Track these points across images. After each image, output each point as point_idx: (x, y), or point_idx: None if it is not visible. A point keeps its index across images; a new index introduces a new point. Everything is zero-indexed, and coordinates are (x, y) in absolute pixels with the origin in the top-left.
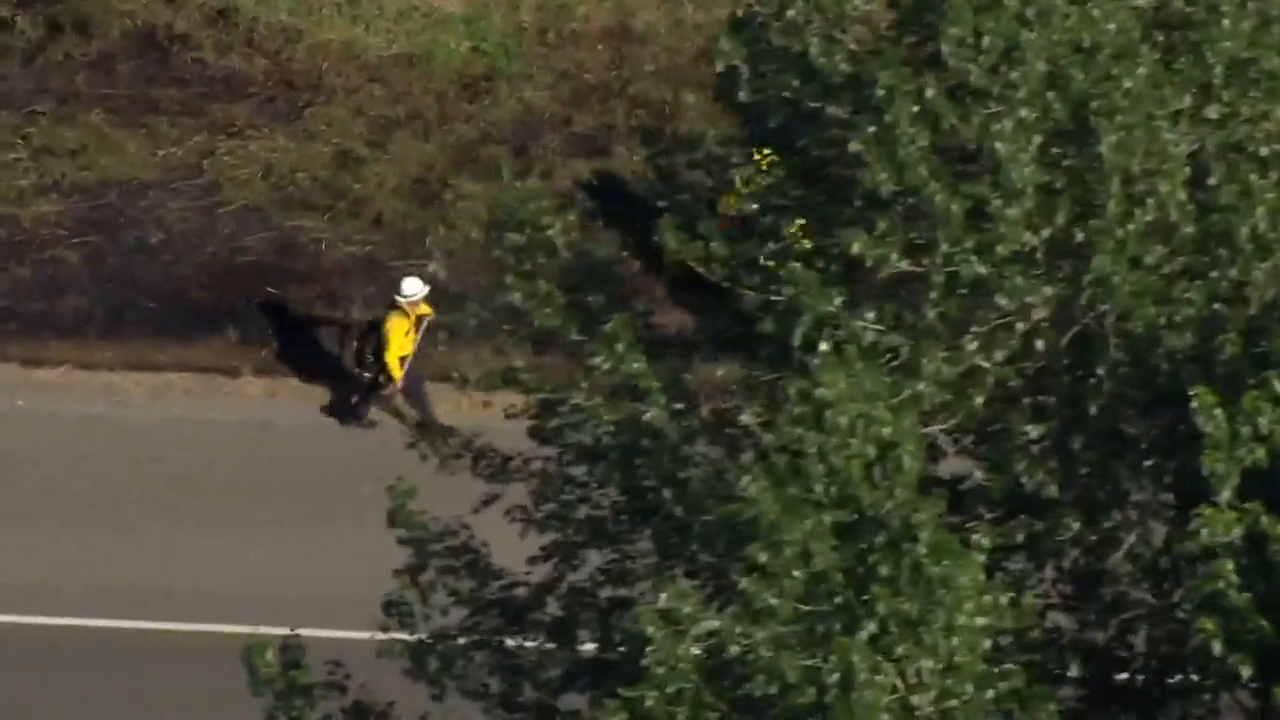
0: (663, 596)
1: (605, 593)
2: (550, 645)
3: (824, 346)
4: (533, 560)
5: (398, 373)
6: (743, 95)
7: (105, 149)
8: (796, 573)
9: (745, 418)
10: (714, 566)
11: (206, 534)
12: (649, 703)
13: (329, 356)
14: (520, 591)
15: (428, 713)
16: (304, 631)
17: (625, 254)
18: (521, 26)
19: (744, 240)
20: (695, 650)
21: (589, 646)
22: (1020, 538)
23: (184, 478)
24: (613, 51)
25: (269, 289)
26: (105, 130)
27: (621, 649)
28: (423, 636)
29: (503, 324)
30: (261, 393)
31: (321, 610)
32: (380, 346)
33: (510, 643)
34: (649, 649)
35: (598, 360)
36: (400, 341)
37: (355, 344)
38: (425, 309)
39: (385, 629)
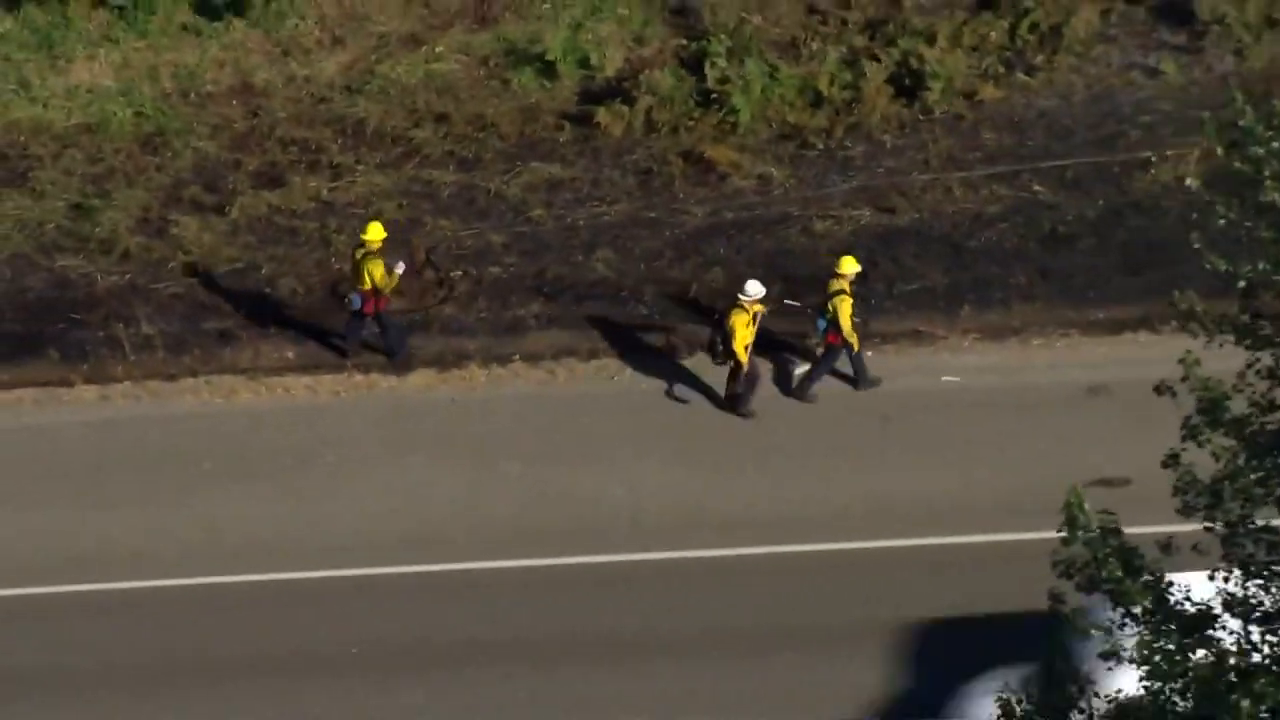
0: None
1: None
2: None
3: None
4: None
5: (744, 358)
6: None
7: None
8: None
9: None
10: None
11: (103, 509)
12: None
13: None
14: None
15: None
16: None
17: None
18: (165, 92)
19: None
20: None
21: None
22: None
23: (57, 471)
24: (245, 105)
25: (71, 315)
26: None
27: None
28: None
29: (1245, 222)
30: (96, 396)
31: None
32: (728, 339)
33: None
34: None
35: None
36: (743, 333)
37: (707, 339)
38: (759, 306)
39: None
